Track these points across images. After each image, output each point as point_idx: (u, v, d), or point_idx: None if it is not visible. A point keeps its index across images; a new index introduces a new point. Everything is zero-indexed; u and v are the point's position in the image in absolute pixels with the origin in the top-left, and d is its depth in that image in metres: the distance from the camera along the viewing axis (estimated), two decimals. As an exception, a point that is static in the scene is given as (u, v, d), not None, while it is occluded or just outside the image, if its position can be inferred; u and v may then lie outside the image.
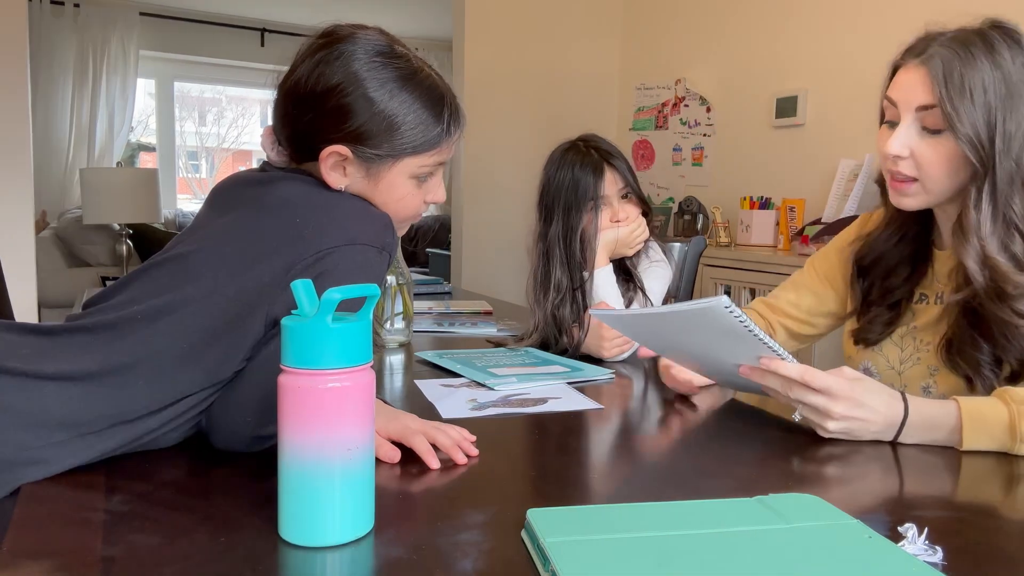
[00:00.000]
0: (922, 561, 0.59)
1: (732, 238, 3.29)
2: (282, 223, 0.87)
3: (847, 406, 0.90)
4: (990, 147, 0.99)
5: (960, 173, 1.03)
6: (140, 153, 6.65)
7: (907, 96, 1.04)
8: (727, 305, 0.87)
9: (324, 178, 0.93)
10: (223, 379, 0.84)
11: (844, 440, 0.92)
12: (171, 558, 0.59)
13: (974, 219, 1.02)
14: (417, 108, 0.92)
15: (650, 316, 1.03)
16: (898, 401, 0.93)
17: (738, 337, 0.92)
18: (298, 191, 0.91)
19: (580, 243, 1.50)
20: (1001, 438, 0.90)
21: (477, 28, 3.99)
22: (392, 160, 0.93)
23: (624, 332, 1.20)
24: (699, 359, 1.08)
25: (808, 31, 3.21)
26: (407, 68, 0.93)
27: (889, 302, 1.19)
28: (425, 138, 0.94)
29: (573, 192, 1.50)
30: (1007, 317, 1.02)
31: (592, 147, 1.53)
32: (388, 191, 0.95)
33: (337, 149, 0.91)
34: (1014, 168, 1.00)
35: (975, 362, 1.06)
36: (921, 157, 1.04)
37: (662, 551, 0.58)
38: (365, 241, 0.87)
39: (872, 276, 1.21)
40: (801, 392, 0.92)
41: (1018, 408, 0.89)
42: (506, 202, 4.00)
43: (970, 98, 0.98)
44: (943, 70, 0.99)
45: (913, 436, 0.93)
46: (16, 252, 3.10)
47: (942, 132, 1.01)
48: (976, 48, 0.99)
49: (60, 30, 5.36)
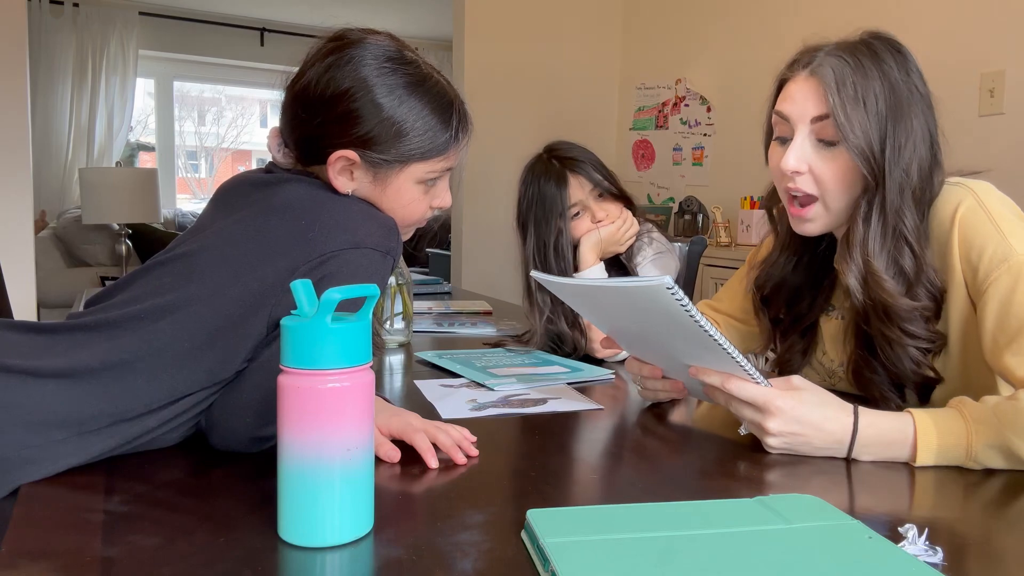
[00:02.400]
0: (922, 562, 0.59)
1: (732, 238, 3.29)
2: (287, 225, 0.87)
3: (781, 421, 0.85)
4: (880, 158, 0.96)
5: (856, 187, 0.99)
6: (139, 153, 6.65)
7: (800, 108, 1.00)
8: (669, 287, 0.81)
9: (331, 182, 0.93)
10: (224, 379, 0.84)
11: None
12: (171, 558, 0.59)
13: (861, 234, 0.99)
14: (426, 114, 0.92)
15: (589, 287, 0.98)
16: (847, 415, 0.86)
17: (683, 327, 0.86)
18: (304, 193, 0.91)
19: (556, 255, 1.49)
20: (956, 455, 0.84)
21: (477, 28, 3.99)
22: (400, 166, 0.93)
23: (571, 303, 1.09)
24: (654, 350, 1.03)
25: (808, 31, 3.20)
26: (416, 74, 0.93)
27: (801, 329, 1.16)
28: (433, 144, 0.94)
29: (540, 206, 1.50)
30: (894, 336, 0.99)
31: (555, 157, 1.52)
32: (395, 196, 0.95)
33: (345, 154, 0.91)
34: (904, 179, 0.97)
35: (875, 385, 1.04)
36: (819, 172, 1.00)
37: (662, 551, 0.58)
38: (370, 244, 0.87)
39: (776, 304, 1.18)
40: (735, 404, 0.89)
41: (975, 427, 0.84)
42: (506, 202, 3.95)
43: (863, 107, 0.95)
44: (835, 78, 0.96)
45: (868, 453, 0.86)
46: (15, 252, 3.10)
47: (837, 144, 0.98)
48: (864, 57, 0.97)
49: (59, 30, 5.36)
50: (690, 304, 0.82)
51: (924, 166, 0.99)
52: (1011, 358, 0.91)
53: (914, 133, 0.97)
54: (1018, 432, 0.82)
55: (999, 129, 2.60)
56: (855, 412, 0.86)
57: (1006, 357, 0.91)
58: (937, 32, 2.76)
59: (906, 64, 0.99)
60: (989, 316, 0.94)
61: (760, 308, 1.20)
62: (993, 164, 1.10)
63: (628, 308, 0.94)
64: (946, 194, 1.01)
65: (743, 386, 0.87)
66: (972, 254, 0.96)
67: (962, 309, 1.00)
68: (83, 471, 0.78)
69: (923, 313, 0.99)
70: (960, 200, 0.98)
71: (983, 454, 0.83)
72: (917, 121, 0.98)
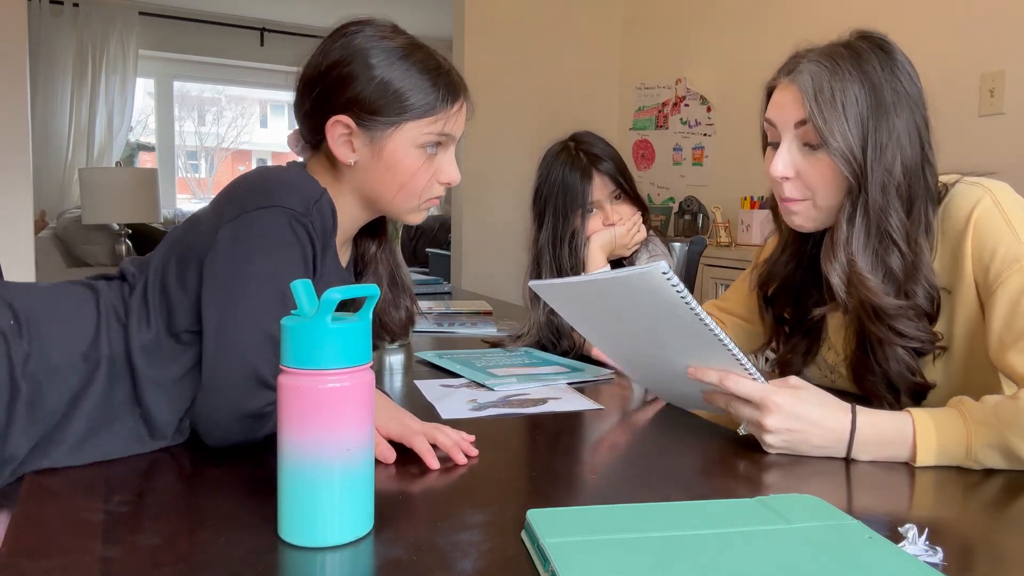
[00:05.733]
0: (922, 562, 0.59)
1: (732, 238, 3.29)
2: (230, 189, 0.94)
3: (780, 418, 0.85)
4: (862, 159, 0.97)
5: (843, 188, 1.00)
6: (139, 153, 6.64)
7: (783, 115, 1.02)
8: (664, 271, 0.81)
9: (333, 152, 0.97)
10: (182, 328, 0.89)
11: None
12: (171, 558, 0.59)
13: (844, 233, 1.00)
14: (414, 74, 0.96)
15: (586, 284, 0.97)
16: (845, 413, 0.86)
17: (679, 318, 0.86)
18: (261, 168, 0.97)
19: (569, 249, 1.50)
20: (956, 455, 0.84)
21: (477, 28, 3.99)
22: (393, 127, 0.96)
23: (562, 310, 1.08)
24: (648, 361, 1.03)
25: (808, 30, 3.20)
26: (409, 43, 0.98)
27: (805, 328, 1.16)
28: (425, 101, 0.96)
29: (562, 197, 1.50)
30: (883, 335, 1.00)
31: (582, 150, 1.52)
32: (395, 164, 0.97)
33: (340, 119, 0.95)
34: (887, 178, 0.97)
35: (871, 384, 1.04)
36: (806, 176, 1.01)
37: (662, 551, 0.58)
38: (283, 206, 0.90)
39: (780, 302, 1.18)
40: (734, 404, 0.89)
41: (975, 427, 0.84)
42: (506, 202, 4.00)
43: (841, 110, 0.96)
44: (812, 84, 0.97)
45: (866, 452, 0.86)
46: (15, 252, 3.10)
47: (820, 147, 0.99)
48: (844, 60, 0.98)
49: (59, 29, 5.36)
50: (685, 290, 0.82)
51: (910, 164, 0.99)
52: (1016, 356, 0.91)
53: (897, 132, 0.97)
54: (1018, 432, 0.82)
55: (999, 129, 2.60)
56: (853, 410, 0.87)
57: (1011, 355, 0.92)
58: (937, 32, 2.76)
59: (891, 63, 0.99)
60: (997, 314, 0.94)
61: (764, 306, 1.20)
62: (993, 164, 1.10)
63: (624, 305, 0.93)
64: (963, 193, 1.01)
65: (741, 382, 0.88)
66: (984, 254, 0.97)
67: (970, 309, 1.00)
68: (83, 471, 0.78)
69: (913, 312, 0.99)
70: (978, 199, 0.98)
71: (983, 454, 0.83)
72: (901, 120, 0.98)
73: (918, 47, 1.05)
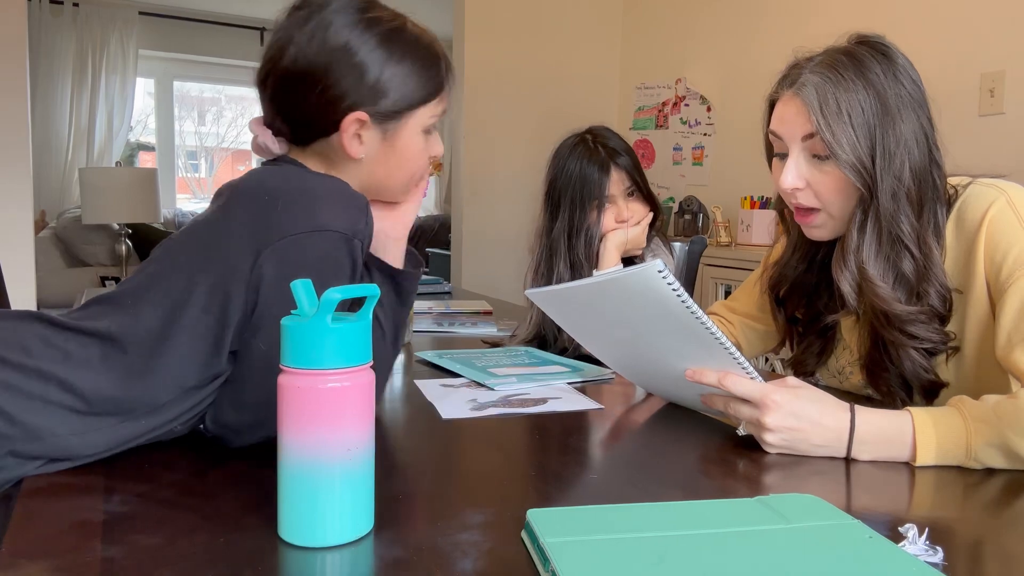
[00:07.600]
0: (923, 561, 0.59)
1: (733, 238, 3.29)
2: (253, 206, 0.85)
3: (779, 416, 0.85)
4: (872, 168, 0.97)
5: (854, 196, 1.00)
6: (139, 153, 6.64)
7: (789, 129, 1.02)
8: (660, 270, 0.81)
9: (346, 148, 0.92)
10: (219, 371, 0.84)
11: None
12: (171, 558, 0.59)
13: (855, 241, 1.00)
14: (419, 55, 0.94)
15: (583, 288, 0.96)
16: (844, 412, 0.86)
17: (675, 318, 0.85)
18: (276, 172, 0.92)
19: (585, 242, 1.50)
20: (956, 454, 0.84)
21: (477, 27, 3.99)
22: (407, 114, 0.94)
23: (559, 318, 1.07)
24: (645, 366, 1.02)
25: (808, 30, 3.20)
26: (393, 21, 0.94)
27: (818, 328, 1.16)
28: (435, 82, 0.95)
29: (579, 189, 1.49)
30: (895, 338, 1.01)
31: (600, 143, 1.52)
32: (404, 150, 0.96)
33: (357, 115, 0.90)
34: (897, 184, 0.98)
35: (886, 383, 1.04)
36: (817, 185, 1.01)
37: (662, 551, 0.58)
38: (334, 227, 0.84)
39: (792, 304, 1.18)
40: (733, 404, 0.90)
41: (975, 426, 0.84)
42: (506, 202, 4.00)
43: (848, 121, 0.96)
44: (817, 97, 0.97)
45: (866, 451, 0.86)
46: (15, 252, 3.10)
47: (829, 158, 0.99)
48: (846, 69, 0.98)
49: (59, 29, 5.36)
50: (681, 289, 0.83)
51: (919, 168, 0.99)
52: (1022, 354, 0.91)
53: (904, 137, 0.98)
54: (1018, 431, 0.82)
55: (999, 129, 2.60)
56: (852, 409, 0.87)
57: (1017, 353, 0.92)
58: (937, 32, 2.76)
59: (893, 67, 0.99)
60: (1007, 313, 0.94)
61: (776, 308, 1.21)
62: (993, 164, 1.10)
63: (620, 308, 0.93)
64: (978, 194, 1.01)
65: (740, 381, 0.88)
66: (997, 254, 0.97)
67: (981, 310, 1.00)
68: (83, 471, 0.78)
69: (925, 315, 1.00)
70: (992, 201, 0.99)
71: (983, 453, 0.83)
72: (907, 124, 0.98)
73: (918, 47, 1.05)
